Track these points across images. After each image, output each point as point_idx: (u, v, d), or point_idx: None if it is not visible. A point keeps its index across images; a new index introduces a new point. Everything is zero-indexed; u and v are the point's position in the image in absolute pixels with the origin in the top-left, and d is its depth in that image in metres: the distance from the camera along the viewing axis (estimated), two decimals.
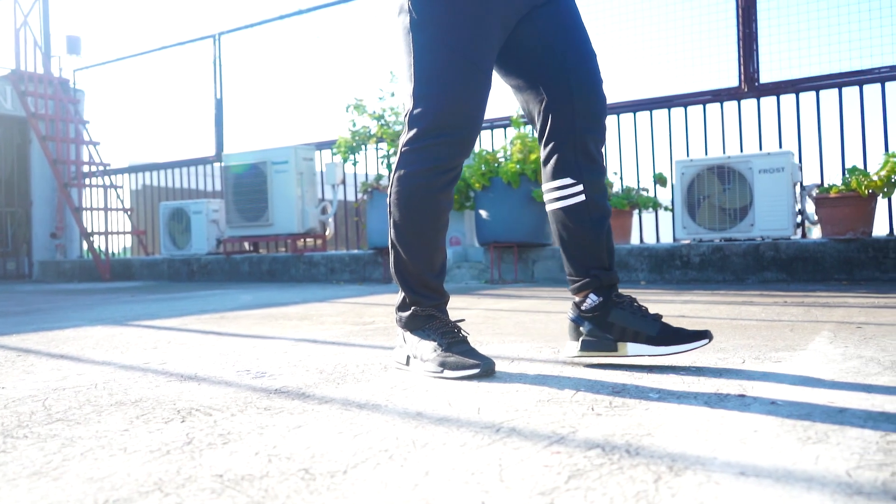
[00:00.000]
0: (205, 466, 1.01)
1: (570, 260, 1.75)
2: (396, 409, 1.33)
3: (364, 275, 6.26)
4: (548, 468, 0.96)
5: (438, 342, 1.66)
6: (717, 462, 0.96)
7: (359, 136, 6.19)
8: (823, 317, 2.68)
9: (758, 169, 4.75)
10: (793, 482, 0.87)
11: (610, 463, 0.97)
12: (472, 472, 0.95)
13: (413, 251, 1.70)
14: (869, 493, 0.83)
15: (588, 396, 1.40)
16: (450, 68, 1.62)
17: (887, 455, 0.97)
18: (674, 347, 1.64)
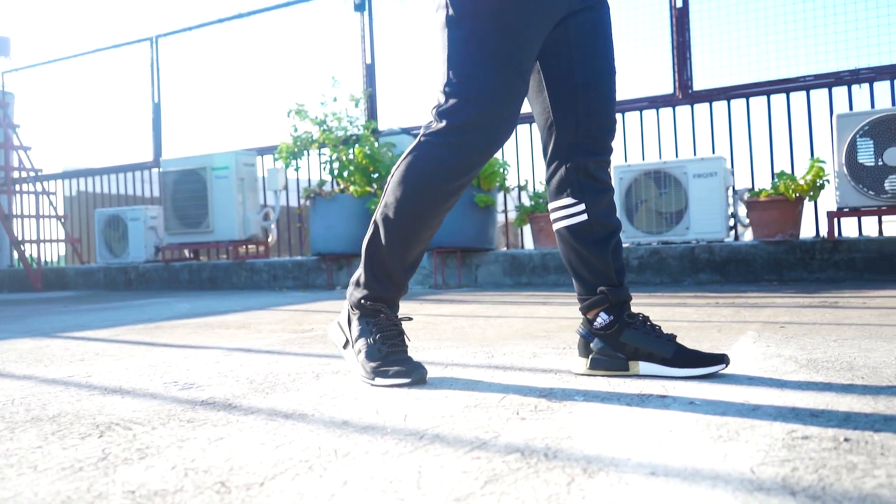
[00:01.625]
0: (118, 483, 0.99)
1: (578, 279, 1.71)
2: (323, 419, 1.32)
3: (308, 281, 6.19)
4: (466, 474, 0.97)
5: (378, 347, 1.65)
6: (631, 463, 0.98)
7: (301, 142, 6.13)
8: (751, 317, 2.77)
9: (692, 174, 4.88)
10: (699, 480, 0.90)
11: (527, 467, 0.98)
12: (390, 481, 0.95)
13: (395, 239, 1.64)
14: (769, 488, 0.86)
15: (515, 401, 1.41)
16: (490, 69, 1.56)
17: (791, 451, 1.01)
18: (689, 370, 1.58)
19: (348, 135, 6.17)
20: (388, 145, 6.04)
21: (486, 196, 5.31)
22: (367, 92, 6.39)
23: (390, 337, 1.67)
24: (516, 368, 1.80)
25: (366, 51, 6.45)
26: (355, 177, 5.88)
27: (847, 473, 0.91)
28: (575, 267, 1.71)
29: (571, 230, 1.68)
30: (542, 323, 2.86)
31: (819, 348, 1.93)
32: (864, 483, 0.87)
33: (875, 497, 0.82)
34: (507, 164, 5.53)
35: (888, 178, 4.28)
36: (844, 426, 1.13)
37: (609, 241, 1.68)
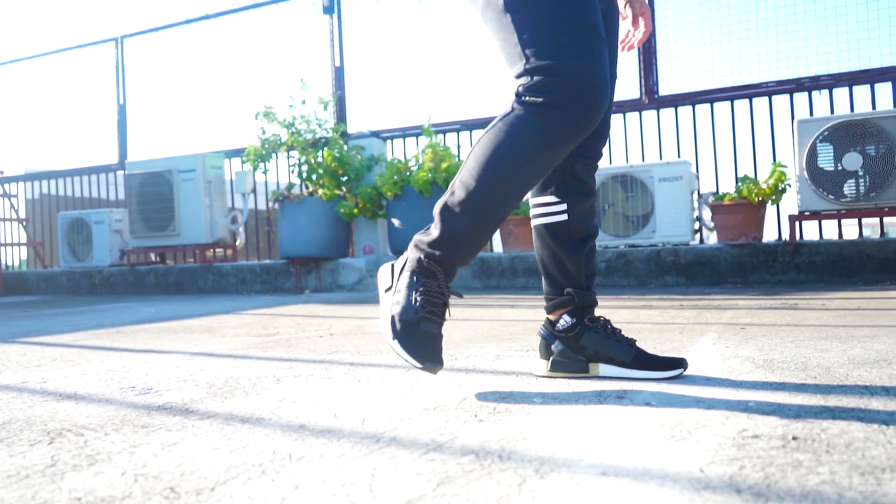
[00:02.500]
0: (64, 490, 0.97)
1: (548, 277, 1.70)
2: (280, 423, 1.31)
3: (276, 285, 6.14)
4: (419, 476, 0.96)
5: (416, 309, 1.51)
6: (583, 463, 0.99)
7: (269, 145, 6.08)
8: (713, 319, 2.81)
9: (658, 178, 4.94)
10: (648, 480, 0.91)
11: (481, 468, 0.99)
12: (342, 484, 0.95)
13: (478, 209, 1.50)
14: (716, 486, 0.88)
15: (475, 403, 1.42)
16: (571, 33, 1.43)
17: (740, 450, 1.03)
18: (647, 373, 1.60)
19: (317, 138, 6.14)
20: (358, 148, 6.02)
21: None
22: (337, 95, 6.37)
23: (432, 304, 1.53)
24: (478, 371, 1.80)
25: (335, 53, 6.43)
26: (324, 180, 5.85)
27: (792, 471, 0.92)
28: (547, 265, 1.70)
29: (549, 228, 1.68)
30: (509, 326, 2.87)
31: (776, 349, 1.96)
32: (807, 480, 0.89)
33: (817, 493, 0.84)
34: None
35: (846, 183, 4.38)
36: (794, 425, 1.15)
37: (585, 244, 1.68)
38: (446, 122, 6.06)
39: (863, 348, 1.91)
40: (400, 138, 6.30)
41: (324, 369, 1.92)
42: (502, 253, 5.43)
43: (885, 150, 4.27)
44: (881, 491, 0.84)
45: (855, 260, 4.44)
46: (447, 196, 1.53)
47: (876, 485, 0.86)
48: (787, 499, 0.83)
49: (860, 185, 4.35)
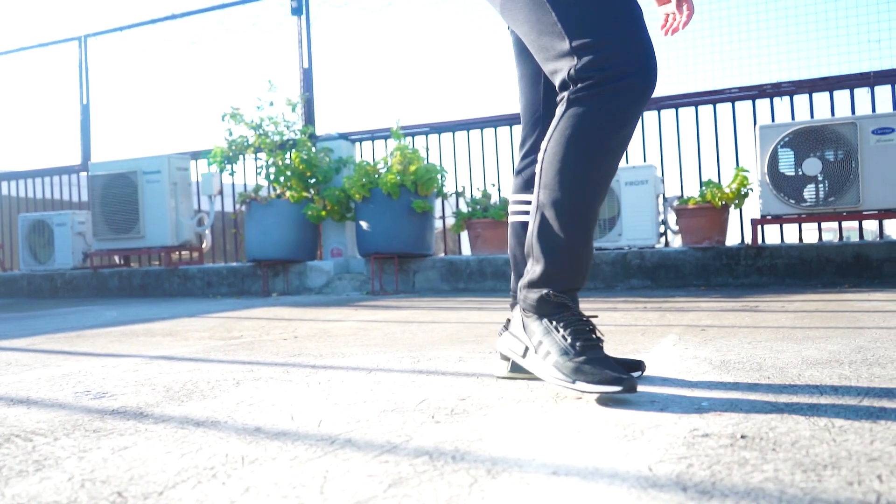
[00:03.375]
0: (7, 496, 0.95)
1: (517, 276, 1.69)
2: (235, 426, 1.30)
3: (243, 288, 6.08)
4: (371, 478, 0.96)
5: (571, 344, 1.41)
6: (535, 463, 1.00)
7: (236, 146, 6.03)
8: (675, 321, 2.84)
9: (624, 181, 5.00)
10: (598, 479, 0.92)
11: (433, 469, 0.99)
12: (293, 486, 0.94)
13: (575, 222, 1.42)
14: (663, 485, 0.89)
15: (433, 405, 1.42)
16: (611, 6, 1.39)
17: (689, 448, 1.04)
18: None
19: (285, 139, 6.10)
20: (326, 150, 6.00)
21: (424, 202, 5.32)
22: (305, 96, 6.33)
23: (582, 332, 1.43)
24: (440, 373, 1.80)
25: (303, 55, 6.39)
26: (292, 182, 5.82)
27: (738, 469, 0.94)
28: (518, 262, 1.70)
29: (526, 227, 1.66)
30: (474, 328, 2.87)
31: (734, 350, 2.00)
32: (752, 477, 0.90)
33: (759, 490, 0.85)
34: (444, 170, 5.55)
35: (807, 187, 4.47)
36: (744, 424, 1.17)
37: None
38: (415, 125, 6.07)
39: (816, 349, 1.95)
40: (368, 140, 6.28)
41: (285, 372, 1.90)
42: (470, 256, 5.45)
43: (844, 155, 4.37)
44: (821, 487, 0.86)
45: (814, 263, 4.54)
46: (533, 225, 1.47)
47: (817, 481, 0.88)
48: (730, 496, 0.84)
49: (820, 190, 4.44)
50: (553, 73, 1.45)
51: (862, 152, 4.32)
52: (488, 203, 5.56)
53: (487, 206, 5.51)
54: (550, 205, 1.43)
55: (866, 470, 0.91)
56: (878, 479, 0.88)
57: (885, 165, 4.29)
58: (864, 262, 4.44)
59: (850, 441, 1.05)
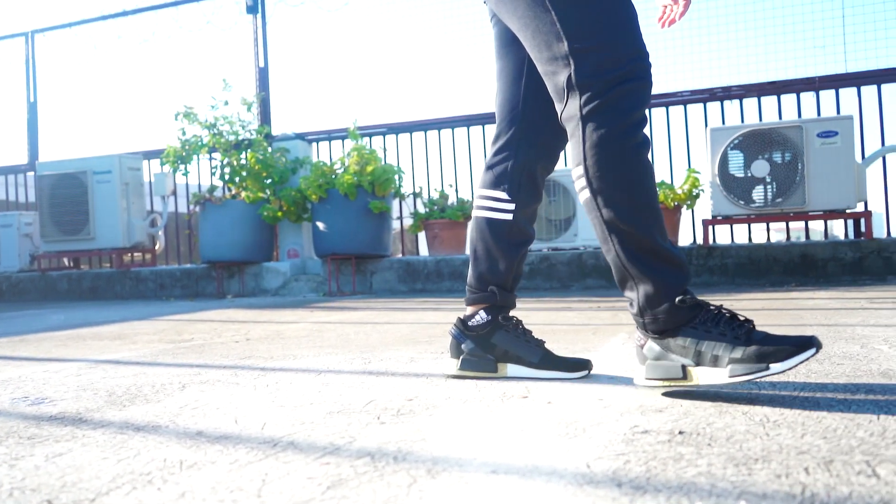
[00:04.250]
0: None
1: (475, 269, 1.69)
2: (177, 430, 1.28)
3: (197, 290, 5.98)
4: (311, 480, 0.95)
5: (732, 333, 1.32)
6: (476, 462, 1.00)
7: (189, 146, 5.93)
8: (627, 320, 2.88)
9: None
10: (536, 476, 0.93)
11: (374, 470, 0.98)
12: (231, 490, 0.93)
13: (648, 224, 1.37)
14: (599, 481, 0.90)
15: (380, 406, 1.41)
16: (606, 6, 1.40)
17: (628, 445, 1.06)
18: (553, 373, 1.63)
19: (240, 139, 6.02)
20: (282, 150, 5.94)
21: (381, 203, 5.30)
22: (261, 96, 6.26)
23: (734, 320, 1.35)
24: (390, 374, 1.80)
25: (259, 54, 6.32)
26: (247, 182, 5.74)
27: (673, 464, 0.96)
28: (478, 257, 1.70)
29: (491, 224, 1.67)
30: (429, 328, 2.87)
31: None
32: (685, 472, 0.92)
33: (692, 485, 0.87)
34: (402, 170, 5.55)
35: (755, 189, 4.58)
36: (683, 420, 1.20)
37: (520, 247, 1.69)
38: (372, 125, 6.05)
39: None
40: (325, 141, 6.24)
41: (233, 375, 1.88)
42: (428, 257, 5.45)
43: (790, 158, 4.49)
44: (751, 480, 0.88)
45: (763, 263, 4.65)
46: (615, 249, 1.39)
47: (747, 474, 0.90)
48: (663, 490, 0.85)
49: (768, 191, 4.56)
50: (549, 73, 1.45)
51: (807, 155, 4.44)
52: (446, 204, 5.57)
53: (445, 207, 5.52)
54: (623, 221, 1.38)
55: (795, 463, 0.94)
56: (805, 471, 0.91)
57: (829, 167, 4.42)
58: (809, 262, 4.57)
59: (782, 435, 1.08)
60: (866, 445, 1.01)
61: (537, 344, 1.68)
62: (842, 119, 4.45)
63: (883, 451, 0.98)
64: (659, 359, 1.38)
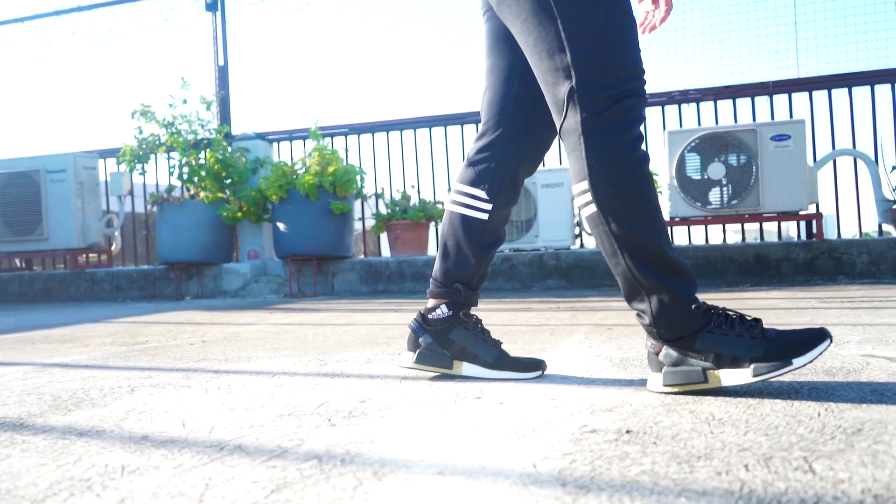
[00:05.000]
0: None
1: (443, 265, 1.68)
2: (122, 435, 1.25)
3: (154, 291, 5.88)
4: (255, 484, 0.94)
5: (748, 334, 1.35)
6: (423, 464, 1.00)
7: (147, 145, 5.82)
8: (585, 320, 2.91)
9: (541, 184, 5.09)
10: (482, 477, 0.93)
11: (320, 473, 0.97)
12: (172, 496, 0.91)
13: (650, 233, 1.39)
14: (544, 481, 0.90)
15: (332, 408, 1.40)
16: (611, 22, 1.40)
17: (575, 444, 1.07)
18: (508, 373, 1.64)
19: (199, 139, 5.93)
20: (242, 150, 5.86)
21: (342, 203, 5.27)
22: (220, 95, 6.18)
23: (744, 320, 1.39)
24: (345, 375, 1.79)
25: (218, 52, 6.23)
26: (206, 182, 5.66)
27: (618, 462, 0.97)
28: (448, 253, 1.68)
29: (465, 221, 1.66)
30: (388, 330, 2.86)
31: (635, 348, 2.06)
32: (629, 471, 0.93)
33: (634, 483, 0.88)
34: (363, 171, 5.52)
35: (712, 191, 4.67)
36: (631, 419, 1.21)
37: (491, 248, 1.69)
38: (334, 125, 6.01)
39: None
40: (286, 141, 6.18)
41: (185, 378, 1.84)
42: (390, 258, 5.43)
43: (745, 160, 4.58)
44: (692, 478, 0.89)
45: (719, 263, 4.74)
46: (625, 261, 1.40)
47: (689, 472, 0.91)
48: (606, 489, 0.86)
49: (724, 193, 4.64)
50: (549, 83, 1.44)
51: (762, 157, 4.53)
52: (408, 204, 5.56)
53: (407, 208, 5.51)
54: (633, 234, 1.39)
55: (736, 460, 0.96)
56: (745, 468, 0.92)
57: (782, 170, 4.52)
58: (764, 262, 4.66)
59: (726, 433, 1.10)
60: (805, 442, 1.03)
61: (494, 344, 1.69)
62: (794, 123, 4.56)
63: (821, 447, 1.00)
64: (677, 364, 1.39)
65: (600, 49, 1.39)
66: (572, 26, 1.40)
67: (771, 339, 1.34)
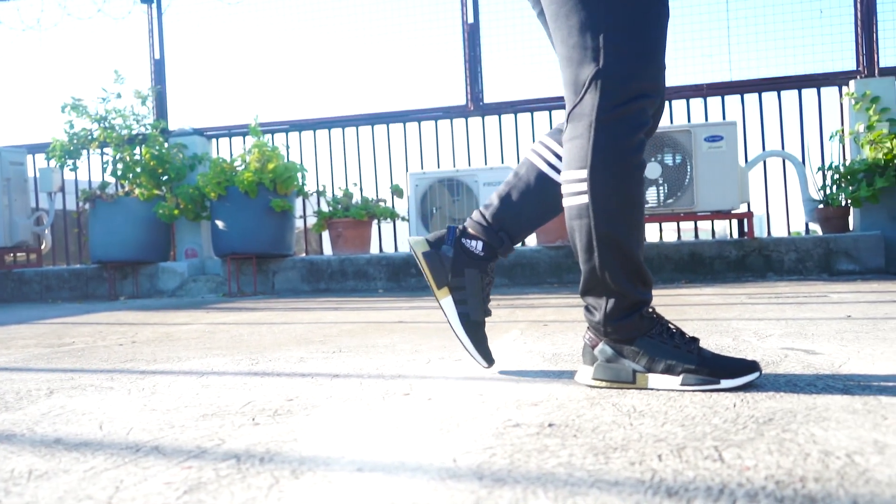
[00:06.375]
0: None
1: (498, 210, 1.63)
2: (34, 438, 1.20)
3: (87, 292, 5.69)
4: (168, 485, 0.92)
5: (685, 347, 1.38)
6: (343, 461, 0.99)
7: (78, 140, 5.63)
8: (522, 317, 2.94)
9: (483, 182, 5.12)
10: (401, 473, 0.93)
11: (237, 473, 0.96)
12: (79, 500, 0.88)
13: (632, 239, 1.38)
14: (462, 475, 0.91)
15: (258, 407, 1.38)
16: (649, 14, 1.36)
17: (497, 438, 1.07)
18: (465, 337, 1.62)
19: (134, 134, 5.77)
20: (179, 146, 5.73)
21: (283, 201, 5.20)
22: (156, 89, 6.01)
23: (683, 336, 1.42)
24: (275, 374, 1.76)
25: (154, 45, 6.07)
26: (142, 179, 5.51)
27: (537, 455, 0.98)
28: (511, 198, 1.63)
29: (541, 177, 1.61)
30: (326, 328, 2.84)
31: (567, 343, 2.09)
32: (546, 463, 0.94)
33: (550, 475, 0.89)
34: (304, 168, 5.45)
35: (648, 190, 4.77)
36: (556, 413, 1.22)
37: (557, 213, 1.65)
38: (275, 122, 5.92)
39: None
40: (226, 137, 6.06)
41: (109, 379, 1.79)
42: (331, 256, 5.38)
43: (680, 160, 4.70)
44: (606, 469, 0.91)
45: (656, 261, 4.85)
46: (597, 255, 1.39)
47: (604, 463, 0.93)
48: (521, 482, 0.87)
49: (660, 193, 4.75)
50: (570, 60, 1.39)
51: (696, 158, 4.66)
52: (350, 202, 5.52)
53: (349, 206, 5.47)
54: (616, 235, 1.38)
55: (651, 450, 0.98)
56: (658, 458, 0.94)
57: (715, 170, 4.65)
58: (698, 260, 4.79)
59: (644, 424, 1.12)
60: (719, 431, 1.06)
61: (483, 304, 1.64)
62: (727, 124, 4.70)
63: (732, 436, 1.03)
64: (610, 361, 1.42)
65: (634, 39, 1.35)
66: (611, 7, 1.35)
67: (706, 357, 1.38)
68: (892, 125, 4.72)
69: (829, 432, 1.03)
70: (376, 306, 3.81)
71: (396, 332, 2.57)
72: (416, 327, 2.69)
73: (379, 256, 5.26)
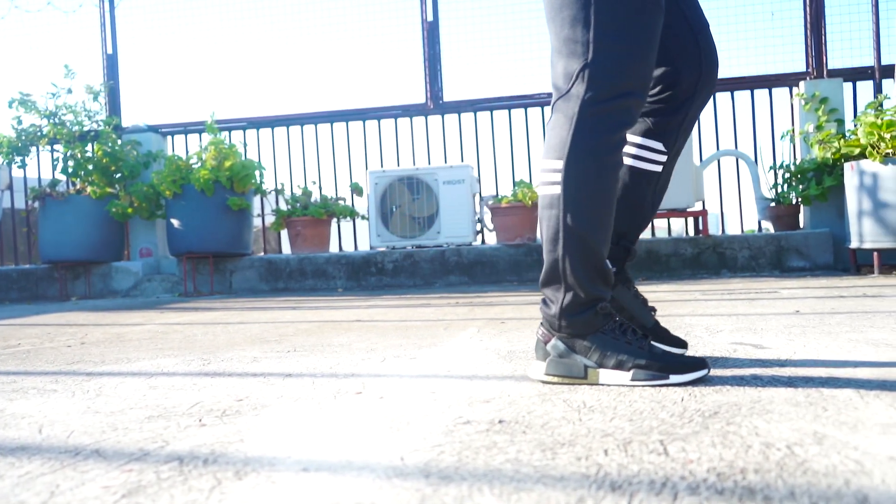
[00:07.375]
0: None
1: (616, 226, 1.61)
2: None
3: (37, 292, 5.53)
4: (106, 489, 0.89)
5: (636, 343, 1.39)
6: (289, 461, 0.97)
7: (26, 136, 5.46)
8: (481, 315, 2.94)
9: (442, 180, 5.12)
10: (347, 472, 0.92)
11: (179, 475, 0.93)
12: None
13: (598, 237, 1.39)
14: (409, 473, 0.90)
15: (206, 408, 1.35)
16: (643, 13, 1.36)
17: (447, 436, 1.07)
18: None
19: (85, 130, 5.62)
20: (133, 143, 5.60)
21: (241, 199, 5.12)
22: (109, 85, 5.87)
23: (635, 332, 1.42)
24: (227, 374, 1.73)
25: (106, 40, 5.93)
26: (94, 176, 5.38)
27: (485, 452, 0.97)
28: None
29: (635, 172, 1.61)
30: (282, 327, 2.80)
31: (523, 341, 2.09)
32: (494, 460, 0.94)
33: (497, 471, 0.89)
34: (262, 166, 5.38)
35: None
36: (506, 409, 1.22)
37: (657, 203, 1.68)
38: (232, 119, 5.83)
39: None
40: (181, 134, 5.95)
41: (53, 381, 1.74)
42: (290, 255, 5.33)
43: None
44: (553, 464, 0.91)
45: None
46: (560, 246, 1.39)
47: (551, 458, 0.93)
48: (468, 479, 0.87)
49: None
50: (560, 53, 1.40)
51: None
52: (308, 201, 5.46)
53: (308, 204, 5.42)
54: (583, 230, 1.38)
55: (597, 445, 0.98)
56: (604, 452, 0.95)
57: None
58: (654, 257, 4.86)
59: (594, 419, 1.13)
60: (665, 426, 1.07)
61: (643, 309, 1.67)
62: None
63: (678, 430, 1.04)
64: (563, 357, 1.42)
65: (625, 36, 1.36)
66: (605, 2, 1.36)
67: (657, 354, 1.39)
68: (839, 125, 4.85)
69: (772, 424, 1.05)
70: (335, 305, 3.78)
71: (353, 330, 2.56)
72: (373, 326, 2.67)
73: (338, 255, 5.22)
